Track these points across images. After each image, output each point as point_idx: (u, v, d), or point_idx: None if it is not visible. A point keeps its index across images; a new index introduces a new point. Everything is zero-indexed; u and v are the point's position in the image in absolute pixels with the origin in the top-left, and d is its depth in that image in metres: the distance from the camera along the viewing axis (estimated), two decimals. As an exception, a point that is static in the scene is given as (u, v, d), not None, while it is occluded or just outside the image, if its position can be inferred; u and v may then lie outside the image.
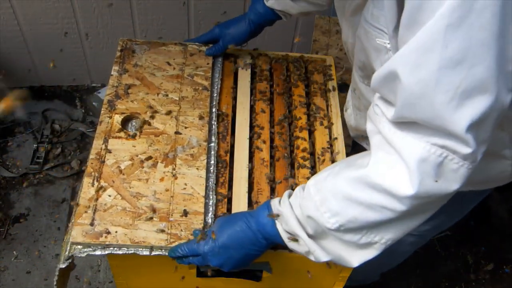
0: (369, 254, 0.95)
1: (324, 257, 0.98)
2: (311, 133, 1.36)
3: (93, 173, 1.17)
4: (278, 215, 1.00)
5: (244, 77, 1.48)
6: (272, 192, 1.23)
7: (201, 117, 1.31)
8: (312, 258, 0.99)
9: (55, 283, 1.14)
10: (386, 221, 0.88)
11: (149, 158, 1.21)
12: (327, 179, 0.95)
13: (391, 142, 0.84)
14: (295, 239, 0.99)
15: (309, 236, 0.97)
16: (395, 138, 0.84)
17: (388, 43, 0.96)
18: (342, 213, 0.91)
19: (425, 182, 0.81)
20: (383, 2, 0.90)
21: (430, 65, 0.75)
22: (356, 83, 1.24)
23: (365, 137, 1.41)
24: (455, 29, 0.72)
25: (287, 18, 1.44)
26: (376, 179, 0.86)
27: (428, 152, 0.80)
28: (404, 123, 0.82)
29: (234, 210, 1.18)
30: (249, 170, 1.26)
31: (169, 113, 1.31)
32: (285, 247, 1.03)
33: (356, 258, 0.96)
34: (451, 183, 0.82)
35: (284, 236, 1.00)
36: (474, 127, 0.76)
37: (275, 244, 1.05)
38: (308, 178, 1.25)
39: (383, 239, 0.93)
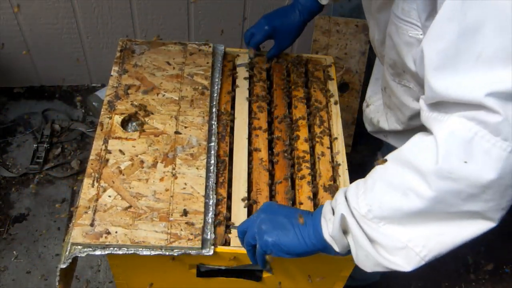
0: (389, 264, 0.88)
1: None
2: (311, 132, 1.36)
3: (93, 174, 1.17)
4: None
5: (244, 77, 1.48)
6: (271, 192, 1.23)
7: (201, 117, 1.31)
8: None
9: (57, 283, 1.14)
10: (415, 211, 0.82)
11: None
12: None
13: (426, 123, 0.83)
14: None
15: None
16: (430, 118, 0.82)
17: (421, 35, 0.96)
18: (375, 197, 0.87)
19: (451, 159, 0.76)
20: None
21: (449, 34, 0.75)
22: (387, 81, 1.24)
23: (386, 133, 1.41)
24: None
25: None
26: (407, 155, 0.84)
27: (458, 125, 0.76)
28: (437, 103, 0.81)
29: (234, 210, 1.18)
30: (248, 170, 1.26)
31: (169, 113, 1.31)
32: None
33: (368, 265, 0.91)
34: (484, 168, 0.75)
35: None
36: (499, 95, 0.72)
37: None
38: (308, 178, 1.25)
39: (416, 245, 0.84)
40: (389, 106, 1.33)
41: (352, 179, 1.26)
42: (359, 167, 1.77)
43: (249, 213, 1.18)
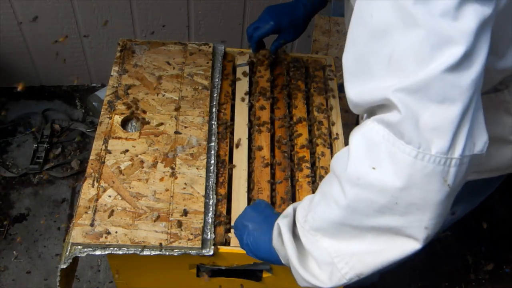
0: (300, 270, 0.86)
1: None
2: (311, 132, 1.36)
3: (93, 174, 1.17)
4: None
5: (244, 76, 1.48)
6: (272, 191, 1.23)
7: (201, 117, 1.31)
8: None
9: (58, 284, 1.14)
10: (336, 222, 0.80)
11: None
12: None
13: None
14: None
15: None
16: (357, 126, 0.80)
17: None
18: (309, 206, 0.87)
19: (358, 164, 0.73)
20: None
21: (360, 38, 0.73)
22: None
23: None
24: None
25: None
26: (332, 163, 0.82)
27: (368, 129, 0.73)
28: (368, 113, 0.79)
29: (234, 209, 1.18)
30: (248, 170, 1.26)
31: (169, 113, 1.31)
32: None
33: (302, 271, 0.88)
34: (389, 175, 0.70)
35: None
36: (404, 91, 0.69)
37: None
38: (308, 178, 1.25)
39: (340, 262, 0.82)
40: None
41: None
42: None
43: (249, 213, 1.18)
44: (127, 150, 1.22)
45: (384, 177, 0.71)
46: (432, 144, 0.68)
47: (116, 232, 1.07)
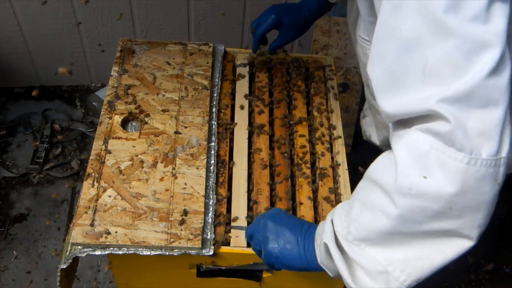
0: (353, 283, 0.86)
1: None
2: (311, 132, 1.36)
3: (93, 174, 1.17)
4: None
5: (244, 76, 1.48)
6: (272, 192, 1.23)
7: (201, 117, 1.31)
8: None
9: (58, 284, 1.14)
10: (386, 231, 0.80)
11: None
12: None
13: (390, 141, 0.82)
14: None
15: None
16: (392, 136, 0.81)
17: None
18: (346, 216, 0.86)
19: (408, 175, 0.74)
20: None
21: (390, 52, 0.73)
22: (369, 100, 1.24)
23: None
24: (400, 10, 0.70)
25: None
26: (373, 174, 0.82)
27: (413, 139, 0.74)
28: (400, 121, 0.79)
29: (234, 209, 1.18)
30: (248, 170, 1.26)
31: (168, 112, 1.31)
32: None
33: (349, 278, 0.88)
34: (443, 182, 0.71)
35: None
36: (449, 101, 0.69)
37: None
38: (308, 178, 1.25)
39: (395, 270, 0.81)
40: (376, 125, 1.32)
41: (352, 179, 1.26)
42: (359, 167, 1.77)
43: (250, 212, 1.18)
44: (127, 150, 1.22)
45: (437, 185, 0.72)
46: (482, 148, 0.69)
47: (116, 232, 1.07)
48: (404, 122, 0.78)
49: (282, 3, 1.41)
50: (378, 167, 0.83)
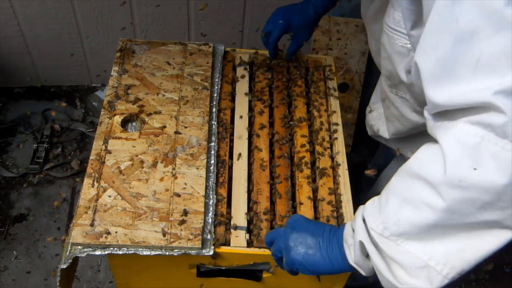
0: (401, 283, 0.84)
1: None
2: (311, 132, 1.36)
3: (93, 174, 1.17)
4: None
5: (244, 76, 1.48)
6: (272, 192, 1.23)
7: (201, 117, 1.31)
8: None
9: (58, 284, 1.14)
10: (430, 225, 0.79)
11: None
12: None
13: (432, 133, 0.81)
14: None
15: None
16: (435, 127, 0.80)
17: (409, 44, 0.95)
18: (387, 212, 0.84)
19: (459, 167, 0.73)
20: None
21: (444, 43, 0.74)
22: (386, 92, 1.23)
23: (387, 139, 1.41)
24: (459, 1, 0.71)
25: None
26: (415, 168, 0.81)
27: (463, 131, 0.74)
28: (442, 112, 0.79)
29: (234, 209, 1.18)
30: (248, 170, 1.26)
31: (168, 113, 1.31)
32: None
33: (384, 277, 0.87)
34: (494, 174, 0.71)
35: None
36: (507, 93, 0.70)
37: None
38: (308, 178, 1.25)
39: (437, 264, 0.80)
40: (388, 117, 1.32)
41: (352, 179, 1.26)
42: (359, 167, 1.77)
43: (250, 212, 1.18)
44: (127, 150, 1.22)
45: (488, 176, 0.72)
46: None
47: (116, 232, 1.07)
48: (448, 113, 0.78)
49: (286, 5, 1.40)
50: (421, 161, 0.82)
